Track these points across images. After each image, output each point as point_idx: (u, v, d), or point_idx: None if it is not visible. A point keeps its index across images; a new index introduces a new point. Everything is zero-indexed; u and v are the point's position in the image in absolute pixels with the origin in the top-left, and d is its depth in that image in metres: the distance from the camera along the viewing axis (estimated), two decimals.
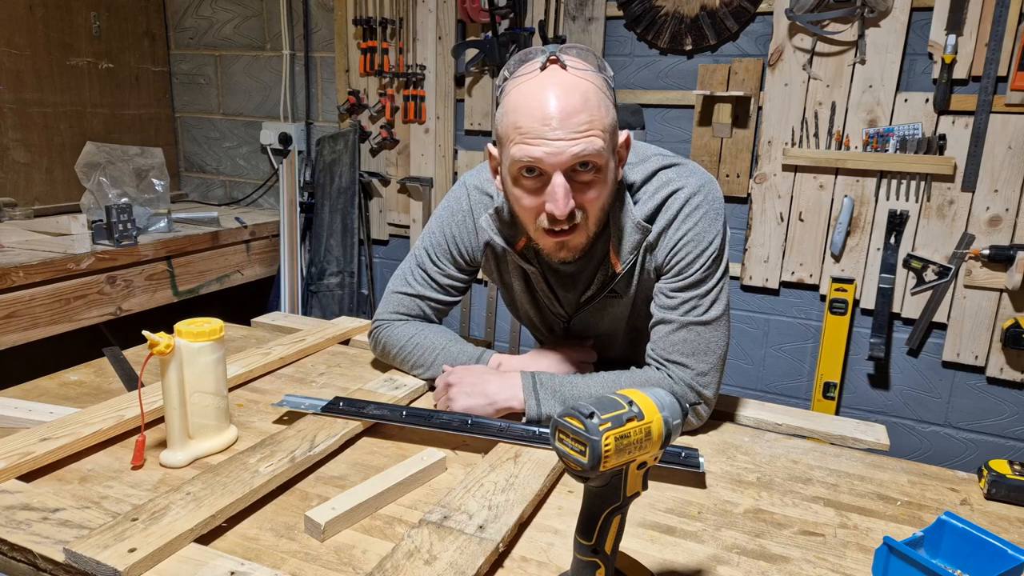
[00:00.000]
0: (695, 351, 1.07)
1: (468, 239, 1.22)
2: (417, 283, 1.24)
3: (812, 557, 0.80)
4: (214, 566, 0.71)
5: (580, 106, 0.92)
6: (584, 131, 0.92)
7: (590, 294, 1.15)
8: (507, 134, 0.96)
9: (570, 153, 0.92)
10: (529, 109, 0.93)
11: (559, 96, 0.92)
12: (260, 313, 1.64)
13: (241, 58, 3.09)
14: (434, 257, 1.23)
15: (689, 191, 1.07)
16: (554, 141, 0.92)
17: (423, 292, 1.24)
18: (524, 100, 0.94)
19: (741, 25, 2.23)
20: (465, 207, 1.21)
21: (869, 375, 2.32)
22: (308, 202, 2.96)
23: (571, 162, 0.93)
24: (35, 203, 2.68)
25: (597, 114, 0.94)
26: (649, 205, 1.08)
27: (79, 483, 0.89)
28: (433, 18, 2.63)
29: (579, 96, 0.92)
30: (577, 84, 0.93)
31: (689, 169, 1.10)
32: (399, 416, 1.04)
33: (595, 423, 0.58)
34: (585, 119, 0.92)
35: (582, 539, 0.64)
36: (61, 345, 2.10)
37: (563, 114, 0.92)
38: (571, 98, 0.92)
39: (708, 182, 1.09)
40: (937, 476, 1.00)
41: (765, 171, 2.27)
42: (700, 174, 1.10)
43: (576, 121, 0.92)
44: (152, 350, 0.89)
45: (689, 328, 1.07)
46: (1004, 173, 2.02)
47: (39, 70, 2.67)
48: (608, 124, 0.95)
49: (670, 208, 1.07)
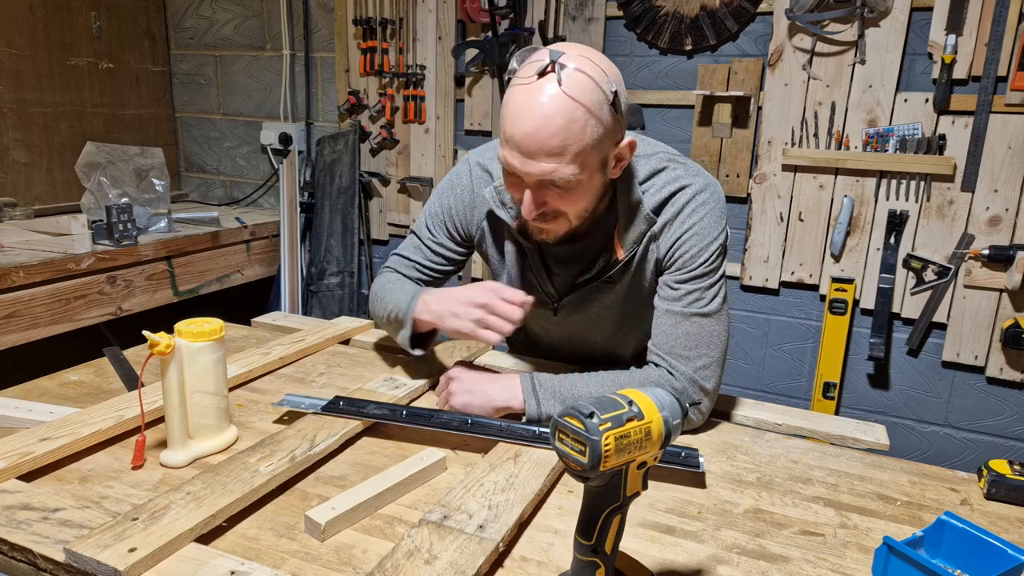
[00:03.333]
0: (698, 343, 1.09)
1: (464, 212, 1.25)
2: (410, 249, 1.31)
3: (812, 557, 0.80)
4: (214, 566, 0.71)
5: (557, 129, 0.93)
6: (556, 155, 0.95)
7: (587, 277, 1.17)
8: (501, 125, 1.01)
9: (538, 172, 0.97)
10: (514, 119, 0.96)
11: (541, 115, 0.93)
12: (260, 313, 1.64)
13: (241, 58, 3.09)
14: (429, 225, 1.28)
15: (696, 188, 1.10)
16: (525, 158, 0.96)
17: (413, 256, 1.30)
18: (515, 106, 0.97)
19: (741, 25, 2.24)
20: (465, 181, 1.25)
21: (869, 375, 2.32)
22: (308, 202, 2.97)
23: (538, 179, 0.98)
24: (35, 203, 2.68)
25: (576, 137, 0.94)
26: (656, 198, 1.11)
27: (79, 483, 0.89)
28: (433, 18, 2.63)
29: (561, 119, 0.93)
30: (563, 105, 0.93)
31: (695, 169, 1.14)
32: (399, 416, 1.04)
33: (595, 423, 0.58)
34: (559, 144, 0.94)
35: (582, 539, 0.64)
36: (61, 345, 2.10)
37: (538, 135, 0.94)
38: (551, 121, 0.93)
39: (713, 183, 1.13)
40: (937, 476, 1.01)
41: (765, 171, 2.27)
42: (705, 175, 1.13)
43: (550, 145, 0.94)
44: (152, 350, 0.89)
45: (692, 320, 1.09)
46: (1004, 173, 2.02)
47: (39, 70, 2.68)
48: (589, 145, 0.96)
49: (676, 202, 1.10)
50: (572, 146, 0.94)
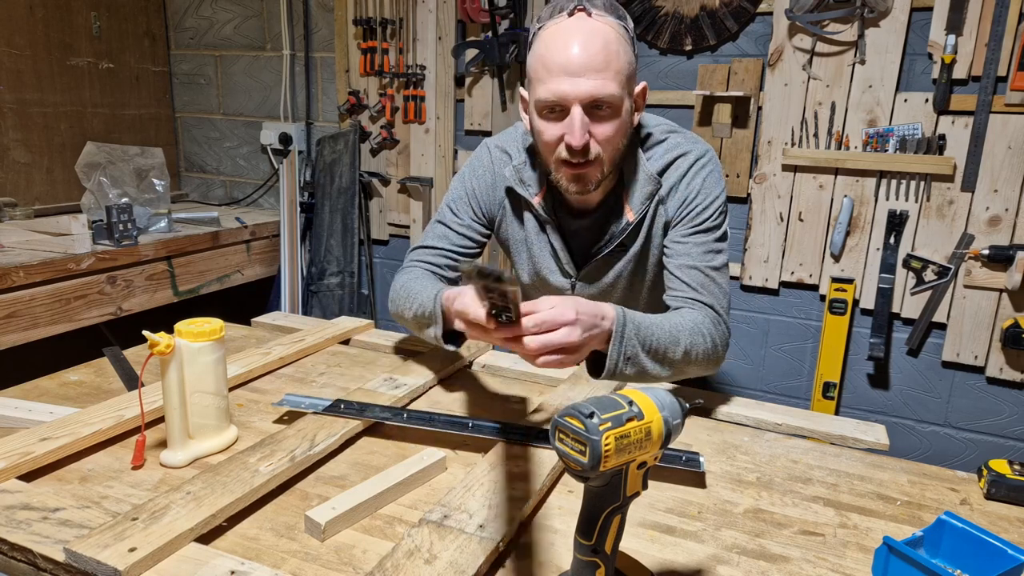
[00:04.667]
0: (714, 294, 1.16)
1: (487, 192, 1.29)
2: (435, 237, 1.31)
3: (812, 557, 0.80)
4: (214, 566, 0.71)
5: (600, 49, 1.02)
6: (601, 71, 1.02)
7: (601, 244, 1.23)
8: (535, 72, 1.07)
9: (587, 89, 1.02)
10: (555, 50, 1.03)
11: (582, 40, 1.02)
12: (260, 313, 1.64)
13: (241, 58, 3.09)
14: (454, 208, 1.31)
15: (697, 154, 1.20)
16: (575, 78, 1.02)
17: (438, 244, 1.30)
18: (551, 42, 1.04)
19: (741, 25, 2.24)
20: (486, 163, 1.30)
21: (869, 375, 2.32)
22: (308, 202, 2.96)
23: (589, 98, 1.03)
24: (35, 203, 2.68)
25: (615, 58, 1.04)
26: (660, 163, 1.20)
27: (79, 483, 0.89)
28: (433, 18, 2.63)
29: (600, 40, 1.03)
30: (599, 30, 1.03)
31: (693, 137, 1.24)
32: (399, 416, 1.05)
33: (595, 423, 0.58)
34: (603, 61, 1.02)
35: (582, 539, 0.64)
36: (61, 345, 2.10)
37: (584, 55, 1.02)
38: (592, 42, 1.02)
39: (710, 150, 1.23)
40: (937, 476, 1.01)
41: (765, 171, 2.27)
42: (703, 143, 1.23)
43: (596, 62, 1.02)
44: (152, 350, 0.89)
45: (707, 273, 1.16)
46: (1004, 173, 2.02)
47: (39, 70, 2.68)
48: (625, 68, 1.05)
49: (680, 167, 1.19)
50: (613, 63, 1.03)
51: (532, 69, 1.08)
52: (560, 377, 1.26)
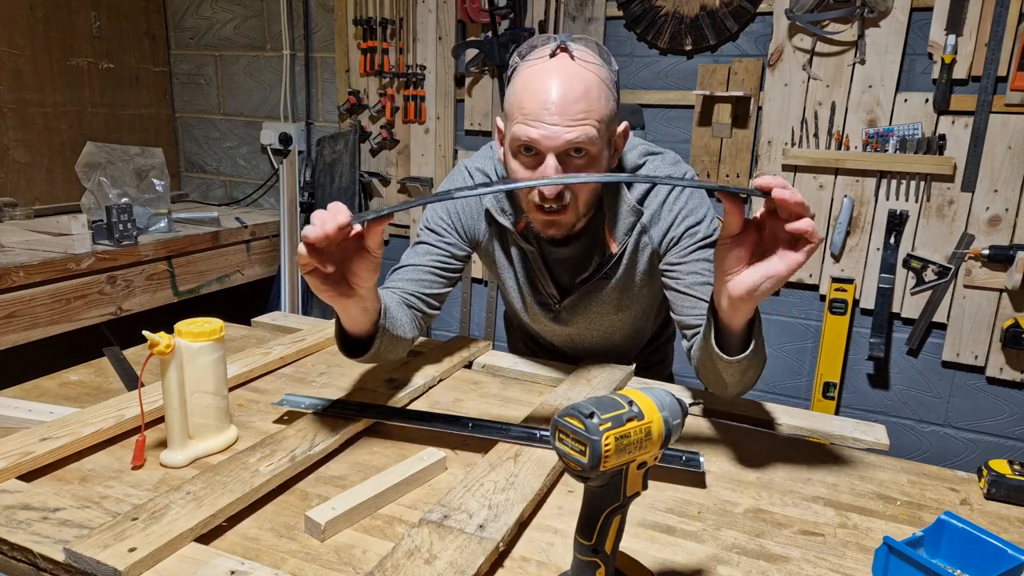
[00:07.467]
0: None
1: (471, 213, 1.24)
2: (418, 255, 1.22)
3: (812, 557, 0.80)
4: (214, 566, 0.71)
5: (580, 95, 0.97)
6: (580, 119, 0.97)
7: (585, 275, 1.19)
8: (511, 112, 1.02)
9: (564, 139, 0.98)
10: (533, 92, 0.98)
11: (561, 84, 0.97)
12: (260, 313, 1.64)
13: (241, 58, 3.09)
14: (436, 229, 1.23)
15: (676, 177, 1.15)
16: (551, 125, 0.97)
17: (421, 261, 1.21)
18: (530, 83, 0.99)
19: (741, 25, 2.24)
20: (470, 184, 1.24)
21: (869, 375, 2.32)
22: (308, 202, 2.96)
23: (564, 147, 0.98)
24: (35, 203, 2.68)
25: (596, 105, 0.98)
26: (639, 189, 1.15)
27: (79, 483, 0.89)
28: (433, 18, 2.63)
29: (580, 86, 0.97)
30: (581, 74, 0.98)
31: (672, 158, 1.19)
32: (399, 416, 1.04)
33: (595, 423, 0.58)
34: (583, 108, 0.97)
35: (582, 539, 0.64)
36: (61, 345, 2.10)
37: (563, 101, 0.97)
38: (572, 87, 0.97)
39: (689, 170, 1.18)
40: (937, 476, 1.01)
41: (765, 171, 2.27)
42: (681, 163, 1.19)
43: (574, 109, 0.97)
44: (152, 350, 0.89)
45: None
46: (1004, 173, 2.02)
47: (39, 70, 2.68)
48: (605, 115, 1.00)
49: (659, 192, 1.15)
50: (592, 111, 0.98)
51: (509, 106, 1.03)
52: (560, 377, 1.26)
